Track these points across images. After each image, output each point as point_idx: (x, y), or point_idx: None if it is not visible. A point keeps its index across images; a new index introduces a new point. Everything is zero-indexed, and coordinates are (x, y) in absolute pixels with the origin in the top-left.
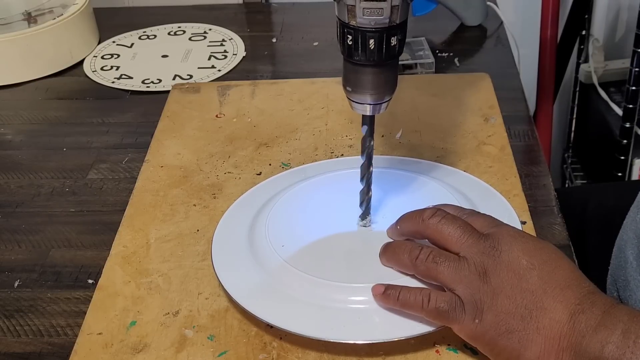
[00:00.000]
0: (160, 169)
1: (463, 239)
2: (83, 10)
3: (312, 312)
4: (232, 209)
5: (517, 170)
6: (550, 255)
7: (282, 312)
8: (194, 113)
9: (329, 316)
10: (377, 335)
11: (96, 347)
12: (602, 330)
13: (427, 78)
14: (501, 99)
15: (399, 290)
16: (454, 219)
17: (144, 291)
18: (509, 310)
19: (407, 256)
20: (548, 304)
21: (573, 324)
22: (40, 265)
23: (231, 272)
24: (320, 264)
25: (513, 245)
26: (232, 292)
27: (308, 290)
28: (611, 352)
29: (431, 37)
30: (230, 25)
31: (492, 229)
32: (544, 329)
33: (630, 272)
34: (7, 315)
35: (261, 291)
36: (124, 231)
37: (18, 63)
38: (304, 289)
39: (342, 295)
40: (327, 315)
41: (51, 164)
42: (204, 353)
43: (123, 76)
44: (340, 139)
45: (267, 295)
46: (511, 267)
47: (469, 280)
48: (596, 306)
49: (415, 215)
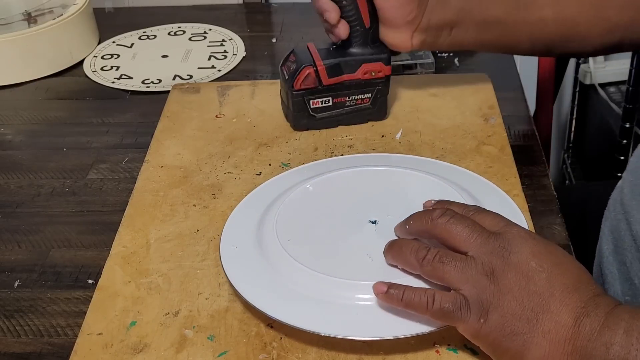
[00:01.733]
0: (160, 169)
1: (472, 238)
2: (83, 11)
3: (314, 307)
4: (242, 204)
5: (517, 170)
6: (560, 258)
7: (284, 306)
8: (194, 113)
9: (330, 312)
10: (379, 332)
11: (96, 347)
12: (606, 332)
13: (427, 78)
14: (501, 99)
15: (402, 290)
16: (463, 219)
17: (144, 291)
18: (515, 312)
19: (413, 256)
20: (554, 307)
21: (578, 328)
22: (40, 265)
23: (237, 265)
24: (325, 260)
25: (523, 247)
26: (236, 285)
27: (312, 286)
28: (617, 353)
29: None
30: (230, 25)
31: (501, 229)
32: (549, 333)
33: (607, 266)
34: (7, 315)
35: (265, 285)
36: (124, 231)
37: (18, 63)
38: (308, 284)
39: (345, 292)
40: (329, 310)
41: (51, 164)
42: (204, 353)
43: (123, 76)
44: (340, 139)
45: (271, 289)
46: (520, 269)
47: (476, 280)
48: (600, 308)
49: (425, 215)
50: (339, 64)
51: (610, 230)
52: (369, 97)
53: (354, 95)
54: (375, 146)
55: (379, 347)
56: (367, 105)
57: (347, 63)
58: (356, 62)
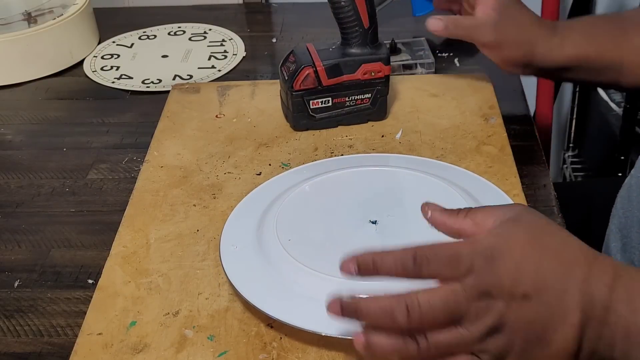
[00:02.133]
0: (160, 169)
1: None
2: (83, 10)
3: (314, 307)
4: (242, 204)
5: (517, 170)
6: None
7: (284, 306)
8: (194, 113)
9: None
10: None
11: (96, 347)
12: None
13: (427, 78)
14: (501, 99)
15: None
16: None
17: (144, 291)
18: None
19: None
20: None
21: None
22: (40, 265)
23: (237, 265)
24: (326, 259)
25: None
26: (236, 285)
27: (312, 286)
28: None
29: (431, 37)
30: (230, 25)
31: (476, 263)
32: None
33: None
34: (7, 315)
35: (265, 285)
36: (124, 231)
37: (18, 63)
38: (308, 284)
39: (345, 292)
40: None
41: (51, 164)
42: (204, 353)
43: (123, 76)
44: (340, 139)
45: (271, 288)
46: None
47: None
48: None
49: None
50: (339, 64)
51: (619, 228)
52: (368, 97)
53: (354, 96)
54: (375, 146)
55: None
56: (367, 105)
57: (346, 63)
58: (355, 63)
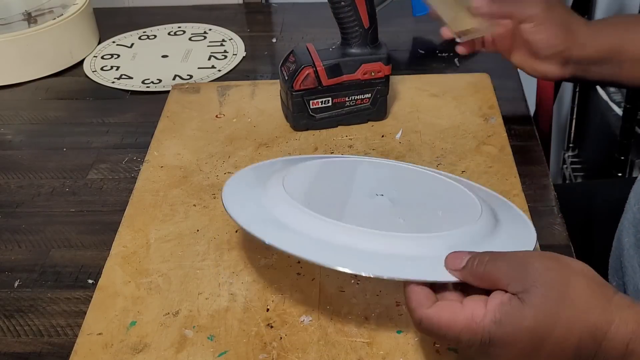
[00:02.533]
0: (160, 169)
1: None
2: (83, 10)
3: (313, 242)
4: (247, 169)
5: (517, 170)
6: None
7: (281, 235)
8: (194, 113)
9: (328, 247)
10: (381, 270)
11: (96, 347)
12: None
13: (427, 78)
14: (501, 99)
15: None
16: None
17: (144, 291)
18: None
19: None
20: None
21: None
22: (40, 265)
23: (239, 206)
24: (331, 209)
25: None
26: (236, 218)
27: (315, 228)
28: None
29: (431, 37)
30: (230, 25)
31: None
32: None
33: (628, 259)
34: (7, 315)
35: (265, 221)
36: (124, 231)
37: (18, 63)
38: (311, 227)
39: (348, 237)
40: (327, 246)
41: (51, 164)
42: (204, 353)
43: (123, 76)
44: (340, 139)
45: (270, 223)
46: None
47: None
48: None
49: None
50: (339, 64)
51: (632, 224)
52: (368, 97)
53: (354, 96)
54: (375, 146)
55: (379, 346)
56: (367, 105)
57: (346, 63)
58: (355, 63)
